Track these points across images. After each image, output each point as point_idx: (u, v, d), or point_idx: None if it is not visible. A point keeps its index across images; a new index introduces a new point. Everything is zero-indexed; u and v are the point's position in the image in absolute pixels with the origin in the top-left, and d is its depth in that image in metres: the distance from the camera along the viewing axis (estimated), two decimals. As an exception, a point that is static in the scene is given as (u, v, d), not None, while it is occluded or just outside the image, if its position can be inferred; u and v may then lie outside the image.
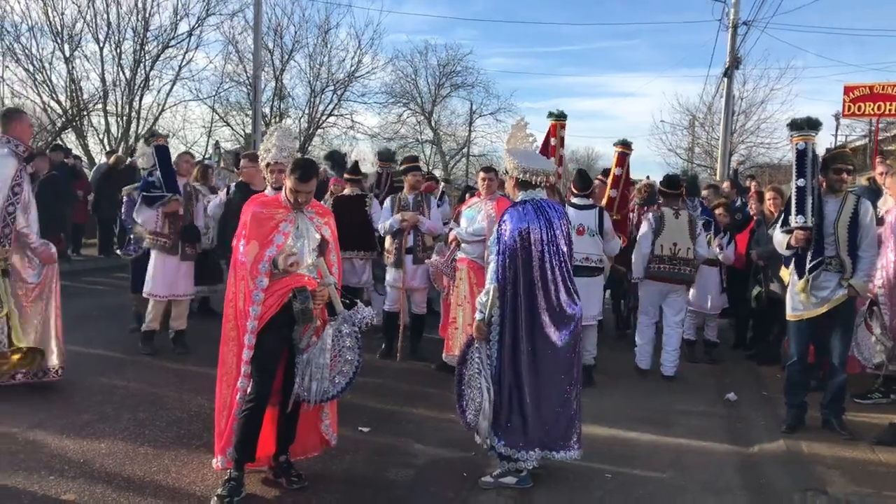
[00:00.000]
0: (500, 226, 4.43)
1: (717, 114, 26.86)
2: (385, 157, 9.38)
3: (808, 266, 5.42)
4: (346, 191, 8.04)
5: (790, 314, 5.65)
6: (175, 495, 4.11)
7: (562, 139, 7.85)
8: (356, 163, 9.05)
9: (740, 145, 29.01)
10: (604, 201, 7.61)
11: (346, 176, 8.16)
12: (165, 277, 7.06)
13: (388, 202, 7.60)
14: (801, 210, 5.41)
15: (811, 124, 5.60)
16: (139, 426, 5.16)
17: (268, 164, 5.39)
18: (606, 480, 4.65)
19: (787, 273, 5.78)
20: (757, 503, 4.45)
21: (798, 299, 5.54)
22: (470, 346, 4.45)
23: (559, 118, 7.80)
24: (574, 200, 7.03)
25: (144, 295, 7.17)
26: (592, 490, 4.50)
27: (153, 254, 7.11)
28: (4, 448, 4.59)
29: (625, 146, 7.78)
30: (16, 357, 2.84)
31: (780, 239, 5.63)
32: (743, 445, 5.46)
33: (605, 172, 8.54)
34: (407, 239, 7.39)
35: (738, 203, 10.13)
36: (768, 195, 8.07)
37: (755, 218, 8.46)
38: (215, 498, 3.97)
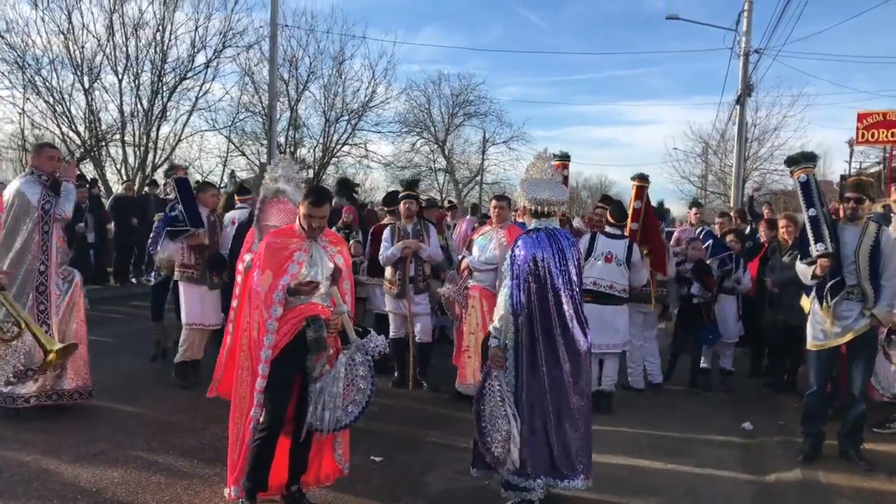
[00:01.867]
0: (512, 252, 4.44)
1: (730, 141, 26.93)
2: (408, 185, 9.46)
3: (825, 290, 5.39)
4: (385, 220, 8.26)
5: (811, 343, 5.59)
6: (187, 525, 4.12)
7: (565, 178, 7.92)
8: (391, 193, 9.16)
9: (754, 172, 28.97)
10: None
11: (385, 208, 8.43)
12: (195, 306, 7.08)
13: (386, 232, 7.62)
14: (819, 238, 5.38)
15: (807, 157, 5.70)
16: (152, 455, 5.17)
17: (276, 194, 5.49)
18: (621, 511, 4.61)
19: (807, 302, 5.73)
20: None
21: (819, 328, 5.50)
22: (487, 379, 4.38)
23: (562, 159, 7.88)
24: (608, 230, 7.12)
25: (185, 325, 7.18)
26: (607, 521, 4.46)
27: (181, 285, 7.13)
28: (18, 477, 4.61)
29: (642, 180, 7.79)
30: (53, 357, 2.89)
31: (803, 270, 5.60)
32: (759, 475, 5.38)
33: (604, 199, 8.51)
34: (409, 268, 7.40)
35: (748, 230, 10.07)
36: (781, 223, 8.05)
37: (767, 245, 8.44)
38: (227, 527, 3.97)
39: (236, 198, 8.15)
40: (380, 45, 42.47)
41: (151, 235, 7.79)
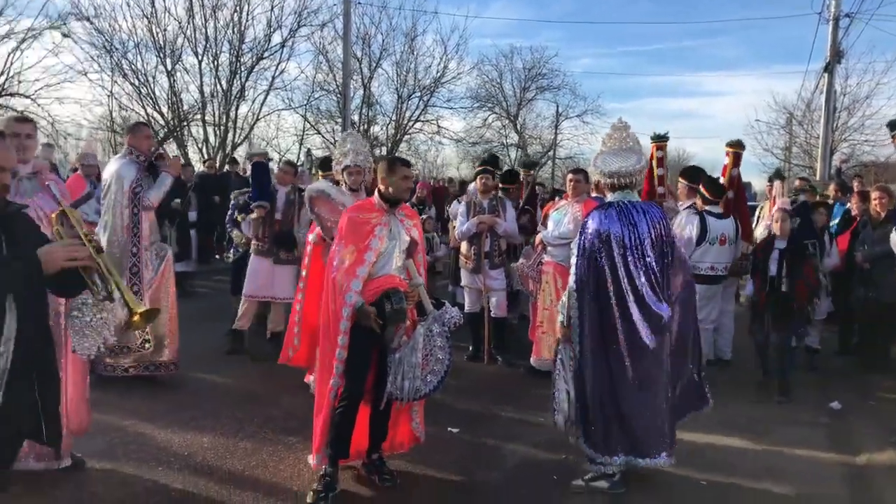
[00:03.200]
0: (583, 228, 4.39)
1: (816, 111, 25.68)
2: (527, 164, 9.39)
3: None
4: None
5: None
6: (273, 489, 4.27)
7: (659, 160, 7.76)
8: (511, 171, 9.09)
9: (842, 143, 27.58)
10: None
11: (500, 185, 8.34)
12: (257, 278, 7.35)
13: (462, 207, 7.63)
14: None
15: None
16: (238, 422, 5.38)
17: (346, 167, 5.63)
18: (702, 488, 4.53)
19: None
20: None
21: None
22: (558, 354, 4.44)
23: (657, 140, 7.71)
24: (710, 209, 6.97)
25: (242, 296, 7.50)
26: (687, 498, 4.39)
27: (251, 256, 7.46)
28: (118, 440, 4.89)
29: (739, 146, 7.57)
30: (137, 319, 3.04)
31: None
32: (848, 456, 5.20)
33: (685, 174, 8.21)
34: (484, 243, 7.39)
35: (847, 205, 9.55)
36: (875, 195, 7.66)
37: (859, 219, 8.06)
38: (311, 493, 4.10)
39: (320, 173, 8.33)
40: (451, 20, 42.49)
41: (228, 213, 8.09)
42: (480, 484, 4.52)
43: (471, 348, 7.66)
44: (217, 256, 14.24)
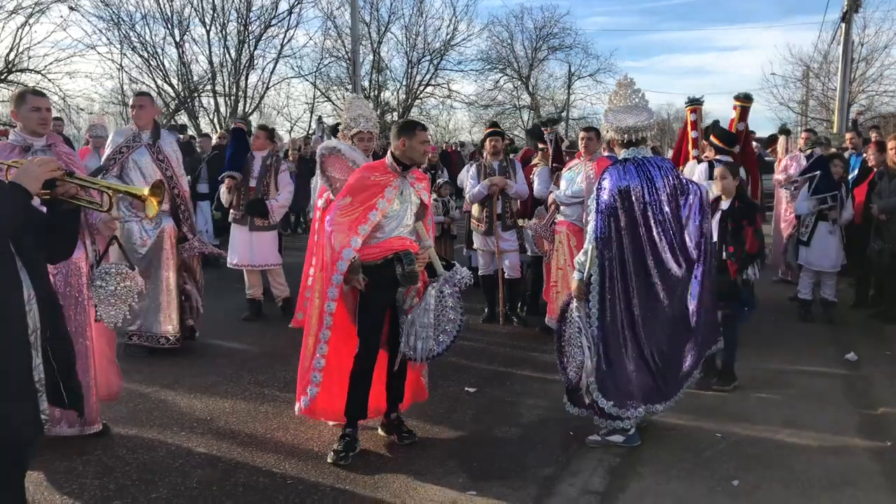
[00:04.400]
0: (599, 184, 4.38)
1: (833, 63, 25.22)
2: (546, 122, 9.36)
3: None
4: (536, 159, 8.16)
5: None
6: (294, 451, 4.36)
7: (693, 123, 7.71)
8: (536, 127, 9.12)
9: (860, 95, 27.09)
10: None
11: (540, 146, 8.34)
12: (237, 247, 7.49)
13: (473, 170, 7.63)
14: None
15: None
16: (259, 387, 5.48)
17: (357, 133, 5.63)
18: (717, 440, 4.56)
19: None
20: (884, 467, 4.24)
21: None
22: (569, 305, 4.46)
23: (692, 103, 7.65)
24: (719, 157, 6.90)
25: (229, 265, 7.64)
26: (702, 449, 4.42)
27: (232, 225, 7.60)
28: (142, 406, 5.00)
29: (746, 100, 7.49)
30: (151, 202, 3.07)
31: None
32: (865, 408, 5.20)
33: (705, 133, 8.18)
34: (496, 205, 7.39)
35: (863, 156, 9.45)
36: (891, 145, 7.54)
37: (876, 170, 7.95)
38: (332, 453, 4.19)
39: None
40: (460, -20, 41.65)
41: None
42: (498, 440, 4.59)
43: (486, 310, 7.70)
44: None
